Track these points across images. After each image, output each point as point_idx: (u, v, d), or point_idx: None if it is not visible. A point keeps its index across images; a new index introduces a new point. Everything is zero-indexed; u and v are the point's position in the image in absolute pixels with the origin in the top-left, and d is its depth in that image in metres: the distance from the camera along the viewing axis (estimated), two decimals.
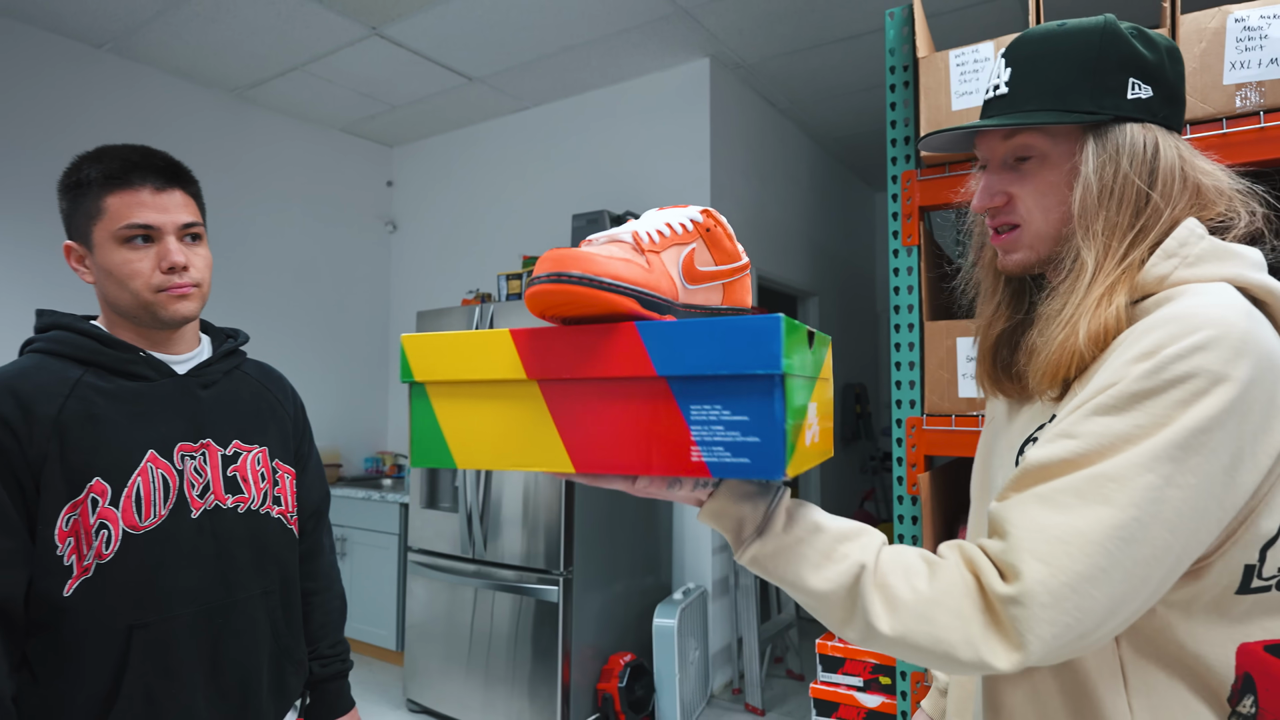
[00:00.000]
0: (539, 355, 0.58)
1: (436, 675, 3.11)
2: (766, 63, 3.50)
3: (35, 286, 3.14)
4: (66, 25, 3.14)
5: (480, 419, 0.60)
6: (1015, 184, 0.73)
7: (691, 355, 0.53)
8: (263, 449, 1.13)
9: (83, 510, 0.93)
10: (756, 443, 0.52)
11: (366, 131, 4.42)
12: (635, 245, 0.60)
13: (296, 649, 1.15)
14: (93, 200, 0.99)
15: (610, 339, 0.55)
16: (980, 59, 1.59)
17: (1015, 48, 0.73)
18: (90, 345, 1.00)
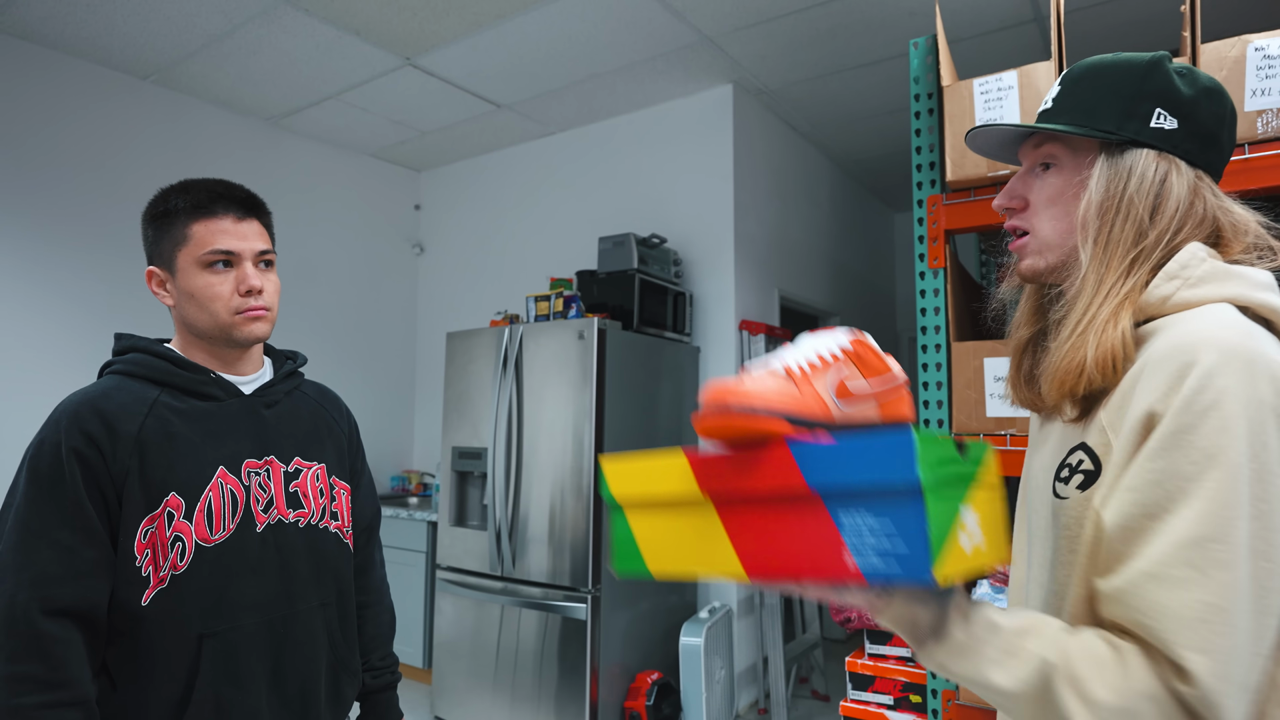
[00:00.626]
0: (710, 474, 0.64)
1: (464, 692, 3.14)
2: (789, 88, 3.57)
3: (91, 309, 3.25)
4: (115, 59, 3.27)
5: (667, 531, 0.68)
6: (1033, 189, 0.77)
7: (837, 470, 0.57)
8: (321, 465, 1.18)
9: (159, 524, 0.99)
10: (904, 551, 0.55)
11: (396, 157, 4.53)
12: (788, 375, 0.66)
13: (351, 659, 1.19)
14: (179, 228, 1.06)
15: (767, 458, 0.61)
16: (1004, 87, 1.63)
17: (1069, 71, 0.78)
18: (165, 367, 1.07)
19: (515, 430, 3.08)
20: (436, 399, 4.49)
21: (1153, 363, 0.64)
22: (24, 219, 3.10)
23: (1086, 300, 0.70)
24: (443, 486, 3.34)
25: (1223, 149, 0.73)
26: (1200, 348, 0.61)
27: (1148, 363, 0.65)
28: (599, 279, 3.31)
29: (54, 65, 3.19)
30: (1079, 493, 0.69)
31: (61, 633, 0.91)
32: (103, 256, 3.32)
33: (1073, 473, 0.70)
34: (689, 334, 3.52)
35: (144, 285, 3.43)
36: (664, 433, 3.26)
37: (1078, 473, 0.70)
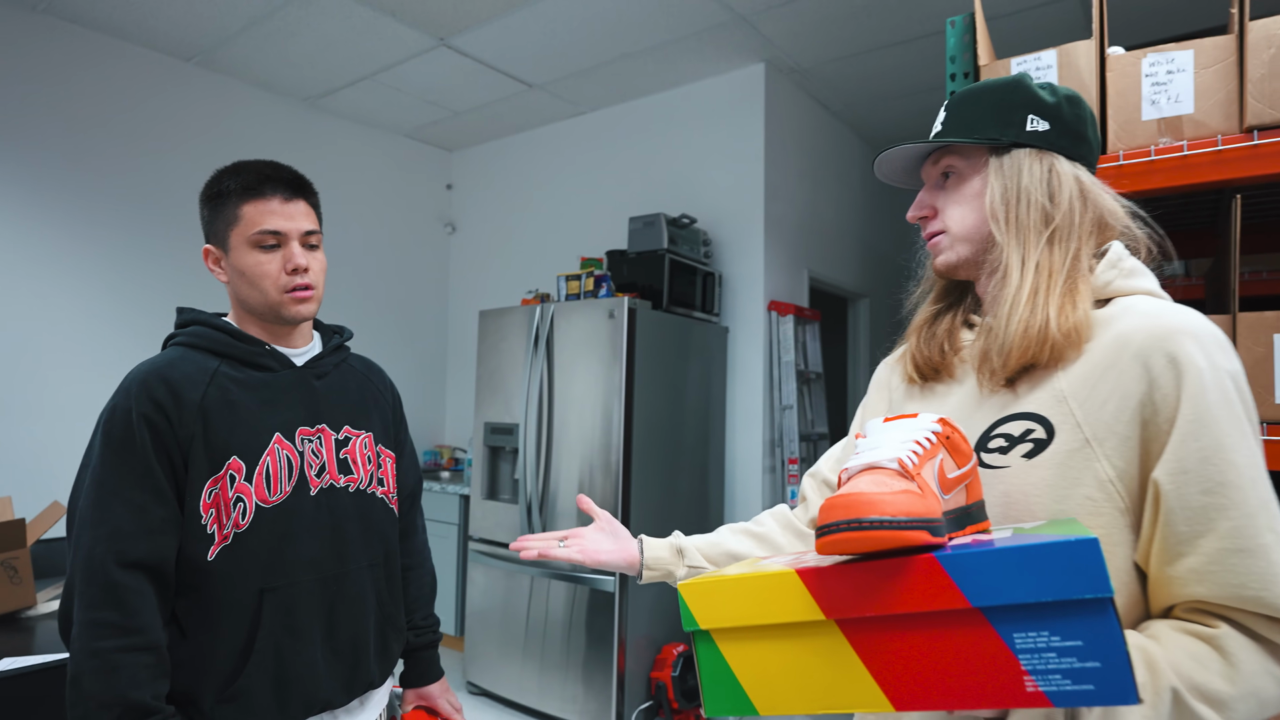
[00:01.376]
0: (834, 594, 0.57)
1: (495, 659, 3.24)
2: (822, 67, 3.54)
3: (144, 286, 3.36)
4: (160, 42, 3.35)
5: (778, 662, 0.59)
6: (939, 198, 0.88)
7: (1005, 584, 0.52)
8: (368, 434, 1.24)
9: (222, 485, 1.05)
10: (1098, 668, 0.50)
11: (428, 137, 4.58)
12: (902, 472, 0.62)
13: (397, 617, 1.26)
14: (231, 208, 1.12)
15: (911, 574, 0.54)
16: (1043, 66, 1.62)
17: (950, 100, 0.89)
18: (224, 339, 1.13)
19: (546, 407, 3.14)
20: (468, 376, 4.57)
21: (1135, 350, 0.71)
22: (78, 198, 3.21)
23: (1016, 275, 0.78)
24: (475, 461, 3.42)
25: (1092, 145, 0.84)
26: (1181, 335, 0.70)
27: (1126, 348, 0.72)
28: (629, 259, 3.34)
29: (102, 48, 3.28)
30: (1024, 461, 0.73)
31: (135, 583, 0.98)
32: (152, 235, 3.43)
33: (1014, 442, 0.75)
34: (718, 314, 3.54)
35: (193, 261, 3.57)
36: (692, 412, 3.31)
37: (1023, 441, 0.74)
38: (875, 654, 0.56)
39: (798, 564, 0.62)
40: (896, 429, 0.68)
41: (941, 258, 0.87)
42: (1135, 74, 1.54)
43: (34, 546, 1.90)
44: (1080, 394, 0.72)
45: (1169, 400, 0.68)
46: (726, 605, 0.61)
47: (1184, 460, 0.66)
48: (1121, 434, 0.70)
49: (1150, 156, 1.49)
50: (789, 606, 0.58)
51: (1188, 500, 0.66)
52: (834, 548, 0.56)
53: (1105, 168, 1.55)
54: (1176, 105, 1.51)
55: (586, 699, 2.91)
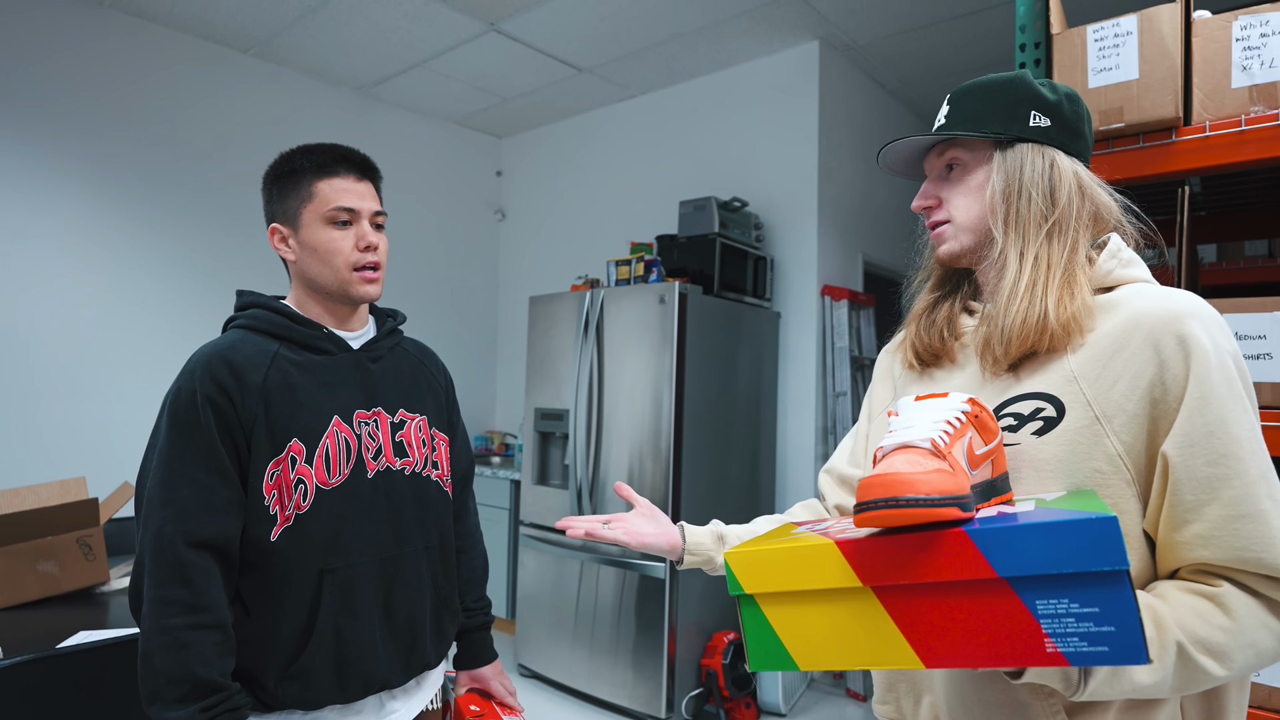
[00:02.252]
0: (870, 564, 0.62)
1: (546, 643, 3.27)
2: (879, 43, 3.43)
3: (202, 271, 3.47)
4: (218, 33, 3.43)
5: (817, 624, 0.64)
6: (943, 189, 0.90)
7: (1030, 557, 0.56)
8: (423, 417, 1.24)
9: (284, 467, 1.06)
10: (1112, 631, 0.54)
11: (478, 123, 4.60)
12: (935, 451, 0.65)
13: (452, 599, 1.26)
14: (305, 185, 1.13)
15: (943, 546, 0.59)
16: (1122, 33, 1.53)
17: (955, 92, 0.91)
18: (283, 322, 1.14)
19: (596, 393, 3.13)
20: (518, 361, 4.61)
21: (1146, 332, 0.75)
22: (142, 188, 3.32)
23: (1015, 268, 0.82)
24: (525, 446, 3.44)
25: (1088, 142, 0.88)
26: (1188, 318, 0.74)
27: (1136, 330, 0.76)
28: (679, 243, 3.30)
29: (163, 41, 3.37)
30: (1034, 437, 0.78)
31: (201, 563, 1.00)
32: (214, 223, 3.53)
33: (1024, 420, 0.79)
34: (769, 299, 3.48)
35: (252, 247, 3.65)
36: (743, 398, 3.26)
37: (1034, 419, 0.79)
38: (907, 617, 0.61)
39: (836, 535, 0.66)
40: (928, 408, 0.71)
41: (945, 247, 0.90)
42: (1225, 38, 1.45)
43: (106, 525, 1.97)
44: (1090, 374, 0.76)
45: (1178, 380, 0.72)
46: (770, 573, 0.66)
47: (1191, 435, 0.71)
48: (1131, 411, 0.74)
49: (1241, 127, 1.40)
50: (828, 574, 0.63)
51: (1194, 471, 0.70)
52: (872, 522, 0.61)
53: (1189, 140, 1.46)
54: (1271, 71, 1.41)
55: (636, 684, 2.92)
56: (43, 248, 3.05)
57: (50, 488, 1.77)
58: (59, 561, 1.67)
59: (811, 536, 0.68)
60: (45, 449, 3.03)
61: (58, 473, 2.95)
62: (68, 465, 3.03)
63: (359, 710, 1.11)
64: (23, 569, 1.62)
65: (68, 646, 1.36)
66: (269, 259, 3.61)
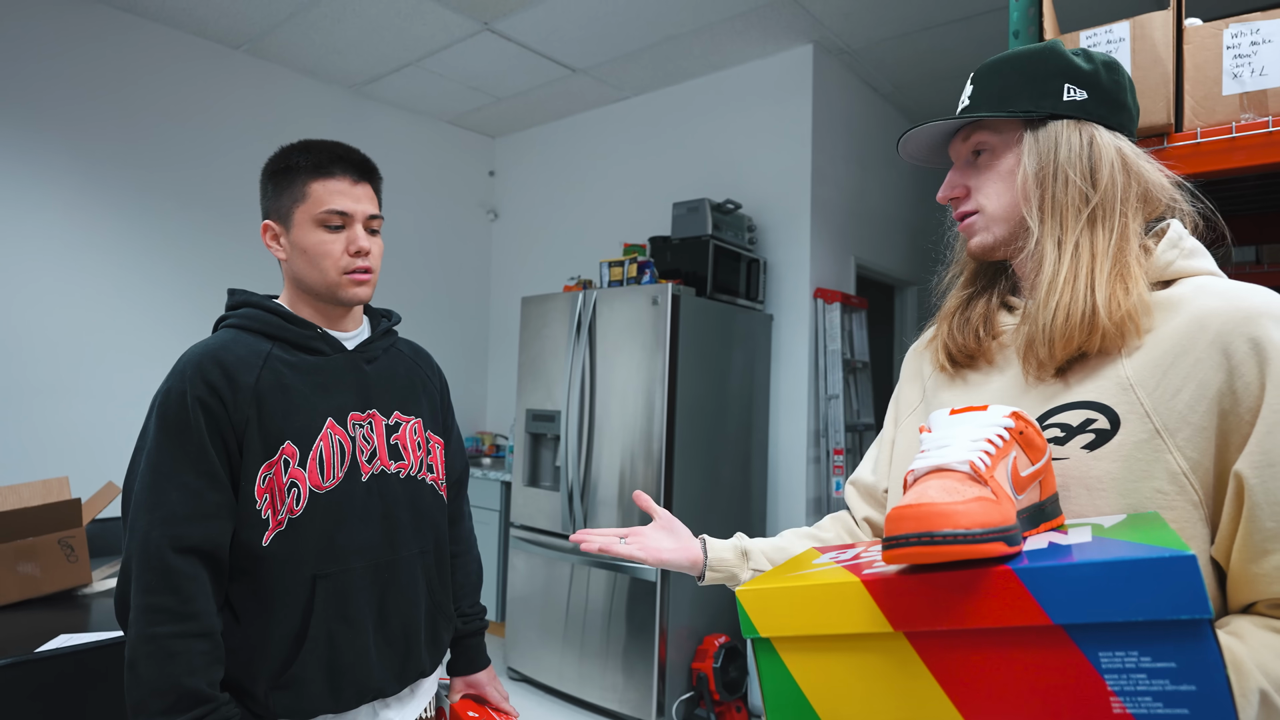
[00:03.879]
0: (903, 606, 0.53)
1: (536, 646, 3.25)
2: (872, 48, 3.43)
3: (190, 268, 3.44)
4: (210, 29, 3.40)
5: (844, 675, 0.56)
6: (971, 177, 0.83)
7: (1091, 602, 0.48)
8: (418, 420, 1.22)
9: (276, 470, 1.04)
10: (1193, 691, 0.46)
11: (471, 123, 4.59)
12: (974, 476, 0.58)
13: (447, 605, 1.25)
14: (299, 185, 1.11)
15: (987, 587, 0.51)
16: (1114, 39, 1.53)
17: (977, 71, 0.84)
18: (276, 322, 1.12)
19: (588, 394, 3.12)
20: (509, 362, 4.59)
21: (1214, 334, 0.67)
22: (131, 184, 3.29)
23: (1054, 259, 0.74)
24: (517, 448, 3.42)
25: (1131, 113, 0.79)
26: (1264, 318, 0.65)
27: (1202, 333, 0.67)
28: (673, 245, 3.29)
29: (154, 36, 3.34)
30: (1085, 452, 0.69)
31: (189, 569, 0.97)
32: (202, 220, 3.50)
33: (1073, 432, 0.71)
34: (762, 301, 3.48)
35: (242, 246, 3.61)
36: (735, 400, 3.26)
37: (1084, 432, 0.70)
38: (949, 670, 0.52)
39: (865, 571, 0.58)
40: (965, 424, 0.63)
41: (976, 239, 0.83)
42: (1216, 46, 1.45)
43: (89, 526, 1.94)
44: (1149, 382, 0.68)
45: (1251, 389, 0.64)
46: (788, 614, 0.57)
47: (1270, 453, 0.62)
48: (1197, 424, 0.65)
49: (1231, 134, 1.40)
50: (854, 617, 0.55)
51: (1275, 495, 0.62)
52: (903, 559, 0.53)
53: (1180, 146, 1.46)
54: (1261, 79, 1.42)
55: (627, 688, 2.90)
56: (29, 245, 3.02)
57: (32, 488, 1.74)
58: (40, 563, 1.64)
59: (834, 571, 0.60)
60: (28, 449, 3.00)
61: (40, 473, 2.91)
62: (51, 465, 3.00)
63: (352, 719, 1.10)
64: (2, 570, 1.60)
65: (48, 650, 1.34)
66: (260, 258, 3.58)
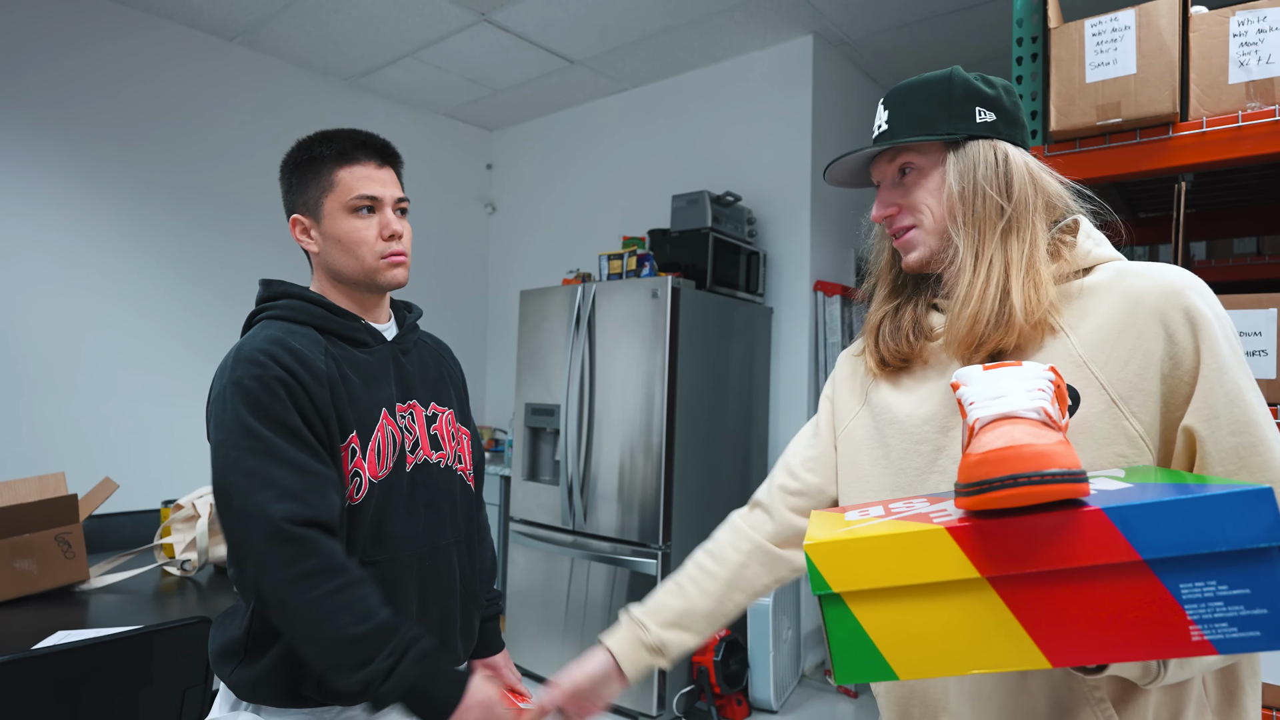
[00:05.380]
0: (992, 551, 0.55)
1: (535, 639, 3.25)
2: (872, 38, 3.41)
3: (186, 262, 3.42)
4: (204, 20, 3.37)
5: (921, 624, 0.57)
6: (901, 195, 0.88)
7: (1175, 536, 0.52)
8: (451, 411, 1.22)
9: (343, 458, 1.03)
10: (1264, 615, 0.51)
11: (468, 116, 4.56)
12: (1048, 422, 0.59)
13: (478, 594, 1.25)
14: (326, 174, 1.09)
15: (1077, 527, 0.54)
16: (1120, 28, 1.52)
17: (889, 97, 0.90)
18: (322, 313, 1.10)
19: (588, 388, 3.11)
20: (508, 356, 4.57)
21: (1150, 308, 0.75)
22: (127, 179, 3.26)
23: (970, 270, 0.81)
24: (516, 442, 3.41)
25: (1026, 130, 0.88)
26: (1189, 291, 0.74)
27: (1140, 308, 0.75)
28: (672, 237, 3.28)
29: (147, 28, 3.31)
30: None
31: (319, 535, 0.95)
32: (200, 215, 3.47)
33: None
34: (762, 294, 3.47)
35: (242, 241, 3.59)
36: (735, 393, 3.24)
37: None
38: (1031, 609, 0.55)
39: (941, 519, 0.59)
40: (1012, 377, 0.64)
41: (915, 254, 0.88)
42: (1222, 34, 1.44)
43: (86, 522, 1.93)
44: (1099, 357, 0.75)
45: (1187, 353, 0.72)
46: (865, 566, 0.58)
47: (1214, 406, 0.71)
48: (1146, 390, 0.73)
49: (1238, 122, 1.39)
50: (939, 565, 0.56)
51: (1221, 443, 0.70)
52: (1000, 502, 0.54)
53: (1185, 135, 1.45)
54: (1268, 67, 1.41)
55: None
56: (23, 240, 2.99)
57: (28, 483, 1.73)
58: (37, 559, 1.63)
59: (903, 524, 0.60)
60: (24, 445, 2.98)
61: (37, 469, 2.89)
62: (47, 461, 2.98)
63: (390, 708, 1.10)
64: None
65: (45, 647, 1.33)
66: (257, 251, 3.56)
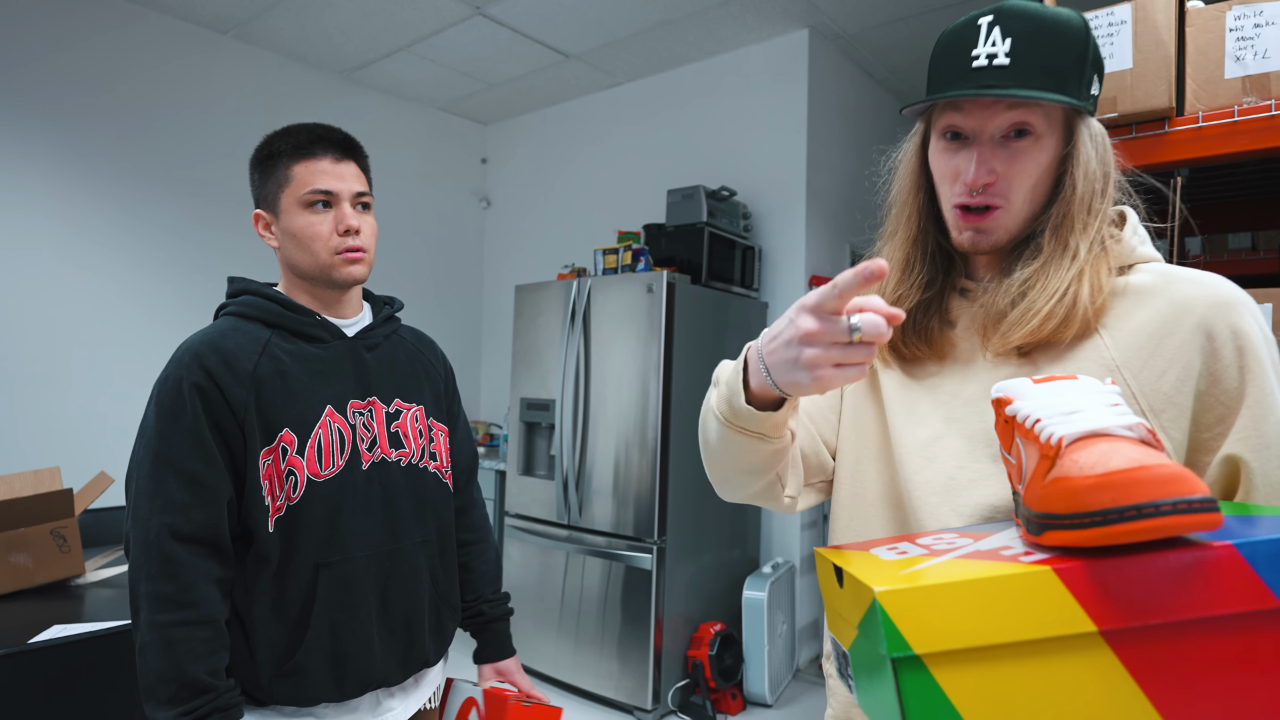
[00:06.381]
0: (1107, 599, 0.45)
1: (531, 634, 3.25)
2: (868, 32, 3.41)
3: (182, 255, 3.40)
4: (196, 13, 3.34)
5: (1020, 694, 0.45)
6: (1005, 162, 0.71)
7: None
8: (420, 407, 1.21)
9: (275, 457, 1.03)
10: None
11: (463, 110, 4.54)
12: (1148, 441, 0.51)
13: (452, 595, 1.23)
14: (282, 170, 1.09)
15: (1212, 569, 0.44)
16: (1116, 22, 1.52)
17: (1011, 19, 0.70)
18: (275, 309, 1.10)
19: (583, 383, 3.11)
20: (502, 351, 4.57)
21: (1197, 319, 0.68)
22: (121, 172, 3.24)
23: (1069, 259, 0.71)
24: (511, 437, 3.41)
25: None
26: (1240, 306, 0.67)
27: (1186, 318, 0.68)
28: (667, 232, 3.27)
29: (141, 20, 3.28)
30: None
31: (189, 557, 0.96)
32: (193, 208, 3.45)
33: None
34: (757, 289, 3.47)
35: (234, 233, 3.57)
36: None
37: None
38: (1153, 673, 0.45)
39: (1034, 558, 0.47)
40: (1080, 391, 0.55)
41: (991, 239, 0.73)
42: (1218, 28, 1.44)
43: (82, 516, 1.92)
44: (1134, 364, 0.69)
45: (1230, 373, 0.66)
46: (954, 619, 0.45)
47: (1266, 435, 0.65)
48: (1180, 405, 0.67)
49: (1234, 117, 1.40)
50: (1046, 617, 0.45)
51: (1270, 476, 0.65)
52: (1143, 535, 0.43)
53: (1181, 130, 1.45)
54: (1264, 62, 1.41)
55: (622, 676, 2.91)
56: (19, 234, 2.97)
57: (23, 478, 1.72)
58: (32, 553, 1.62)
59: (995, 564, 0.47)
60: (19, 439, 2.96)
61: (32, 463, 2.88)
62: (42, 455, 2.96)
63: (354, 708, 1.09)
64: None
65: (41, 641, 1.33)
66: (252, 246, 3.54)
